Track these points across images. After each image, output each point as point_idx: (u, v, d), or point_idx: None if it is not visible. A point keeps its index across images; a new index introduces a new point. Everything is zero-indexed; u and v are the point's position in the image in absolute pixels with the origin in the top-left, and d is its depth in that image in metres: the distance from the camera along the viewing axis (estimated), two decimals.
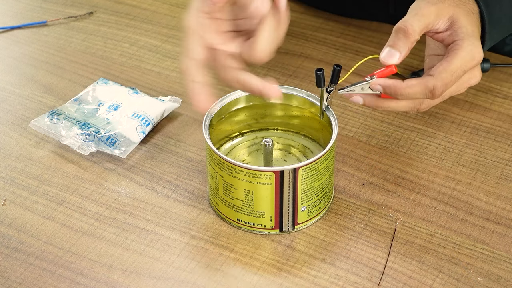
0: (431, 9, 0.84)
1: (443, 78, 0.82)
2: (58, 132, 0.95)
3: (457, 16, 0.84)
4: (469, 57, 0.83)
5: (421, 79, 0.82)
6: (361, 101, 0.84)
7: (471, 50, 0.83)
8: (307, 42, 1.11)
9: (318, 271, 0.82)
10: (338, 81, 0.83)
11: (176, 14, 1.18)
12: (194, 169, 0.93)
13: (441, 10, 0.84)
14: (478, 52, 0.83)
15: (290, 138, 0.93)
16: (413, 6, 0.85)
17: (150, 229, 0.86)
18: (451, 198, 0.89)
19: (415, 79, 0.82)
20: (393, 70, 0.83)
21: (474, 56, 0.83)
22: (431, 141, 0.97)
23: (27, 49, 1.12)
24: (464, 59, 0.82)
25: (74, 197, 0.90)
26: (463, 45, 0.83)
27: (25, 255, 0.84)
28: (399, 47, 0.82)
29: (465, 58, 0.82)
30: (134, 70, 1.08)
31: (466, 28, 0.84)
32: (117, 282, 0.81)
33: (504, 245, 0.85)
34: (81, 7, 1.20)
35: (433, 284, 0.81)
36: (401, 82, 0.82)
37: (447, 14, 0.84)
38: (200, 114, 0.99)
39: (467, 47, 0.83)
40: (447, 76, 0.82)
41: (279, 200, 0.82)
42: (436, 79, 0.81)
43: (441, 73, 0.82)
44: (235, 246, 0.84)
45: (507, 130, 0.98)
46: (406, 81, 0.82)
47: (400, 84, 0.82)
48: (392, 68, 0.83)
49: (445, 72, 0.82)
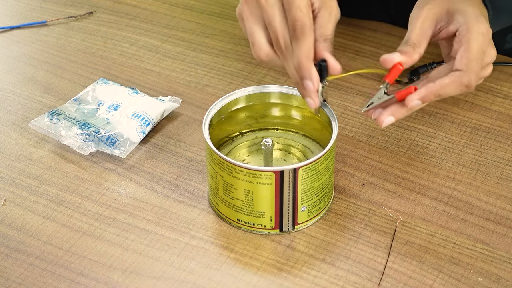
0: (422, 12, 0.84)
1: (472, 68, 0.82)
2: (58, 132, 0.95)
3: (452, 7, 0.85)
4: (481, 36, 0.83)
5: (452, 77, 0.82)
6: (392, 119, 0.83)
7: (479, 28, 0.83)
8: None
9: (318, 271, 0.82)
10: (327, 76, 0.83)
11: (176, 14, 1.19)
12: (194, 169, 0.93)
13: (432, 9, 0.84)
14: (485, 28, 0.83)
15: (290, 138, 0.93)
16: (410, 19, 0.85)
17: (150, 229, 0.86)
18: (451, 198, 0.89)
19: (447, 77, 0.82)
20: (400, 68, 0.83)
21: (484, 32, 0.83)
22: (431, 141, 0.97)
23: (27, 49, 1.12)
24: (478, 40, 0.83)
25: (74, 197, 0.90)
26: (470, 28, 0.83)
27: (25, 255, 0.84)
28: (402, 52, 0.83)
29: (479, 38, 0.83)
30: (134, 70, 1.08)
31: (465, 11, 0.84)
32: (117, 282, 0.81)
33: (504, 245, 0.84)
34: (81, 7, 1.20)
35: (433, 284, 0.81)
36: (433, 85, 0.82)
37: (442, 9, 0.84)
38: (200, 114, 0.99)
39: (474, 27, 0.83)
40: (474, 65, 0.82)
41: (279, 200, 0.82)
42: (467, 72, 0.82)
43: (468, 65, 0.82)
44: (235, 246, 0.84)
45: (507, 130, 0.98)
46: (438, 82, 0.82)
47: (434, 87, 0.82)
48: (398, 66, 0.82)
49: (471, 61, 0.82)
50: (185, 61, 1.09)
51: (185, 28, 1.16)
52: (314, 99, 0.82)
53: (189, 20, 1.17)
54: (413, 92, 0.82)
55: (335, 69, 0.82)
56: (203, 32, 1.15)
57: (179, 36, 1.14)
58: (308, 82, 0.81)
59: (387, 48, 0.84)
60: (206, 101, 1.02)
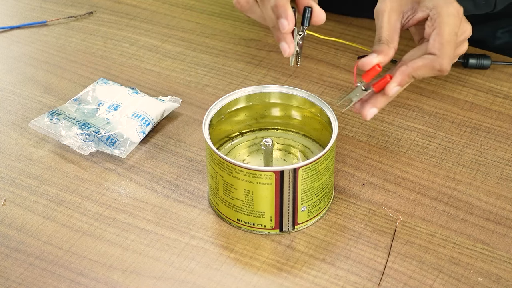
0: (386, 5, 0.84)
1: (445, 52, 0.82)
2: (58, 132, 0.95)
3: None
4: (452, 18, 0.83)
5: (425, 60, 0.83)
6: (375, 110, 0.85)
7: (449, 10, 0.83)
8: (307, 42, 1.11)
9: (318, 271, 0.82)
10: (309, 23, 0.83)
11: (176, 14, 1.19)
12: (194, 169, 0.93)
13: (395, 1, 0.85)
14: (456, 8, 0.83)
15: (290, 138, 0.93)
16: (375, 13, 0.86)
17: (150, 229, 0.86)
18: (451, 198, 0.89)
19: (419, 60, 0.83)
20: (377, 69, 0.84)
21: (454, 13, 0.83)
22: (431, 141, 0.97)
23: (27, 49, 1.12)
24: (449, 23, 0.83)
25: (74, 197, 0.90)
26: (440, 11, 0.83)
27: (25, 255, 0.84)
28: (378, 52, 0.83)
29: (450, 21, 0.83)
30: (134, 70, 1.08)
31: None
32: (117, 282, 0.81)
33: (504, 245, 0.84)
34: (81, 7, 1.20)
35: (433, 284, 0.81)
36: (406, 67, 0.83)
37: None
38: (200, 114, 0.99)
39: (444, 9, 0.83)
40: (447, 48, 0.83)
41: (279, 200, 0.82)
42: (440, 57, 0.82)
43: (440, 49, 0.82)
44: (235, 246, 0.84)
45: (507, 130, 0.98)
46: (410, 64, 0.83)
47: (407, 70, 0.83)
48: (376, 67, 0.83)
49: (443, 46, 0.82)
50: (185, 61, 1.09)
51: (185, 28, 1.16)
52: (288, 43, 0.82)
53: (189, 20, 1.17)
54: (389, 81, 0.83)
55: (320, 15, 0.83)
56: (203, 32, 1.15)
57: (179, 36, 1.14)
58: (283, 20, 0.81)
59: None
60: (206, 101, 1.02)
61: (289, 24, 0.81)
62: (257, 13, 0.85)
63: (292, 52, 0.84)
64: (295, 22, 0.82)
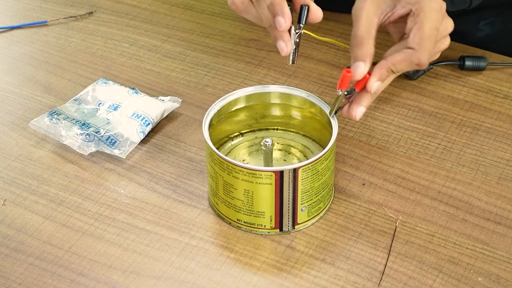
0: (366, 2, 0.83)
1: (424, 47, 0.82)
2: (58, 132, 0.95)
3: None
4: (434, 13, 0.82)
5: (403, 54, 0.82)
6: (363, 109, 0.84)
7: (431, 4, 0.82)
8: (308, 42, 1.11)
9: (318, 271, 0.82)
10: (306, 21, 0.83)
11: (176, 14, 1.19)
12: (194, 169, 0.93)
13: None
14: (438, 2, 0.83)
15: (290, 138, 0.93)
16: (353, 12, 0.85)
17: (150, 229, 0.86)
18: (451, 198, 0.89)
19: (398, 54, 0.82)
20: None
21: (437, 8, 0.82)
22: (431, 141, 0.97)
23: (27, 49, 1.12)
24: (431, 18, 0.82)
25: (74, 197, 0.90)
26: (422, 6, 0.82)
27: (25, 255, 0.84)
28: (360, 57, 0.82)
29: (432, 16, 0.82)
30: (134, 70, 1.08)
31: None
32: (117, 282, 0.81)
33: (504, 245, 0.84)
34: (81, 7, 1.20)
35: (433, 284, 0.81)
36: (385, 62, 0.82)
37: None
38: (200, 114, 0.99)
39: (426, 5, 0.82)
40: (426, 43, 0.82)
41: (279, 200, 0.82)
42: (419, 51, 0.82)
43: (420, 44, 0.82)
44: (235, 246, 0.84)
45: (507, 130, 0.98)
46: (389, 58, 0.82)
47: (385, 64, 0.82)
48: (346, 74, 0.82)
49: (423, 40, 0.82)
50: (185, 61, 1.09)
51: (185, 28, 1.16)
52: (286, 41, 0.82)
53: (189, 20, 1.17)
54: (369, 78, 0.82)
55: (316, 13, 0.82)
56: (203, 32, 1.15)
57: (179, 36, 1.14)
58: (280, 18, 0.80)
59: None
60: (206, 101, 1.02)
61: (286, 22, 0.81)
62: (253, 14, 0.84)
63: (290, 50, 0.83)
64: (291, 20, 0.82)
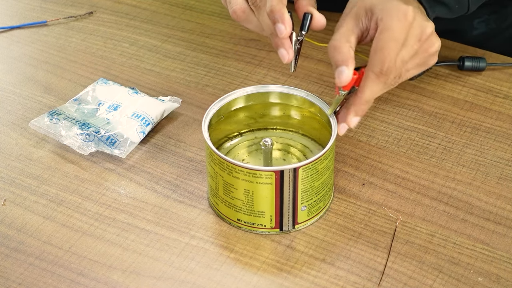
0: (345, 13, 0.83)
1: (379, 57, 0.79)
2: (58, 132, 0.95)
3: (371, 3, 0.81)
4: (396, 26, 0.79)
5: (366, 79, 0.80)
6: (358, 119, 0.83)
7: (393, 17, 0.79)
8: (307, 42, 1.11)
9: (318, 271, 0.82)
10: (308, 30, 0.82)
11: (176, 14, 1.19)
12: (194, 169, 0.93)
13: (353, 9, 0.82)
14: (403, 12, 0.79)
15: (290, 137, 0.93)
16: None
17: (150, 229, 0.86)
18: (451, 198, 0.89)
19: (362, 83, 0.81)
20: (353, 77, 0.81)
21: (401, 18, 0.79)
22: (431, 141, 0.97)
23: (27, 49, 1.12)
24: (391, 31, 0.79)
25: (74, 197, 0.90)
26: (385, 19, 0.79)
27: (25, 255, 0.84)
28: (341, 61, 0.81)
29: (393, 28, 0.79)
30: (134, 70, 1.08)
31: (382, 3, 0.80)
32: (117, 282, 0.81)
33: (504, 245, 0.85)
34: (81, 7, 1.20)
35: (433, 284, 0.81)
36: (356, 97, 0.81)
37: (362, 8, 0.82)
38: (200, 114, 0.99)
39: (387, 16, 0.79)
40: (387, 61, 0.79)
41: (279, 199, 0.82)
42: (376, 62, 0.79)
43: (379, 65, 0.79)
44: (235, 246, 0.84)
45: (507, 130, 0.98)
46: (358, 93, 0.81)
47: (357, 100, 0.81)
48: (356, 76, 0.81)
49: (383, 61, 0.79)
50: (185, 61, 1.09)
51: (185, 28, 1.16)
52: (287, 49, 0.81)
53: (189, 20, 1.17)
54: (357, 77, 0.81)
55: (320, 21, 0.81)
56: (203, 32, 1.15)
57: (179, 36, 1.14)
58: (280, 25, 0.80)
59: None
60: (206, 101, 1.02)
61: (286, 29, 0.80)
62: (254, 23, 0.84)
63: (292, 58, 0.83)
64: (292, 26, 0.82)
